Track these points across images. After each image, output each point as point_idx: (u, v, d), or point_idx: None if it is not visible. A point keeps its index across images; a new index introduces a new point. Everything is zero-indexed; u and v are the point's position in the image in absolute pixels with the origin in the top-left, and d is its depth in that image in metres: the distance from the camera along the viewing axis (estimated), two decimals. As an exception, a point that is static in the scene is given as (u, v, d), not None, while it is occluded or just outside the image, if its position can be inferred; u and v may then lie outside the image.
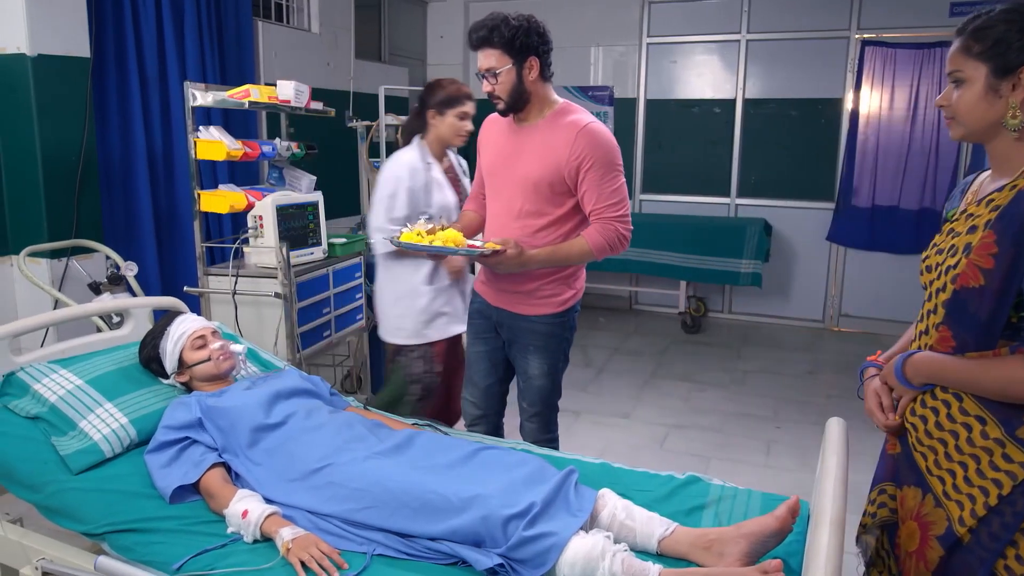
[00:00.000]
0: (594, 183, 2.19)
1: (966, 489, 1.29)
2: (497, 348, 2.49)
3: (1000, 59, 1.25)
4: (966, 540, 1.29)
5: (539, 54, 2.18)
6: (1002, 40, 1.25)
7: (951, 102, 1.33)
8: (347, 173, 4.92)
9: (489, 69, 2.18)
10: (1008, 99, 1.25)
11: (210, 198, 3.06)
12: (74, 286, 3.24)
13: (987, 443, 1.27)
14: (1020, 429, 1.24)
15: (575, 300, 2.40)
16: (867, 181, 5.64)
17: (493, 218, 2.37)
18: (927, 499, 1.37)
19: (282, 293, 2.93)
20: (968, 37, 1.30)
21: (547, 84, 2.26)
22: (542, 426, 2.50)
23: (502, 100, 2.22)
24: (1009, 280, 1.21)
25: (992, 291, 1.23)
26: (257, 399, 2.05)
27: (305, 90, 3.26)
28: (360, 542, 1.67)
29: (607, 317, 6.22)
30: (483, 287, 2.47)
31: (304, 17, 5.11)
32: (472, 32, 2.19)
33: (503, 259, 2.16)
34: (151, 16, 3.66)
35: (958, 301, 1.29)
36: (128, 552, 1.72)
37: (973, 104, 1.29)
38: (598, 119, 2.26)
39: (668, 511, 1.78)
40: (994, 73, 1.26)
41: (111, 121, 3.52)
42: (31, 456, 1.95)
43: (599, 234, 2.22)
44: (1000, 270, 1.22)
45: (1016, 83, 1.24)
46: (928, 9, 5.31)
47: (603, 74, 6.30)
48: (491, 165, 2.37)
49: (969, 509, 1.28)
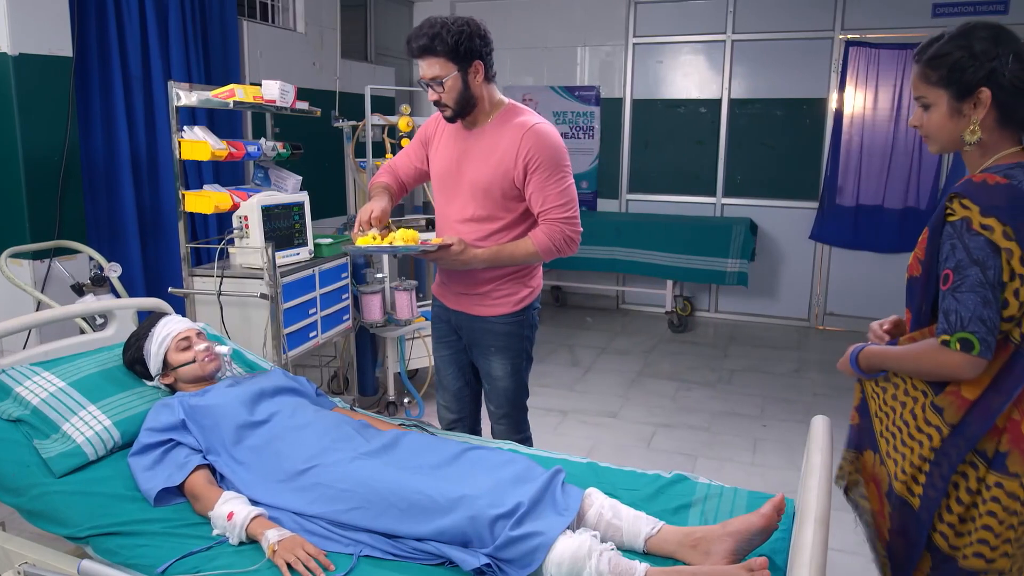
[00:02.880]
0: (540, 184, 2.18)
1: (901, 449, 1.52)
2: (460, 351, 2.48)
3: (957, 84, 1.41)
4: (915, 505, 1.48)
5: (483, 57, 2.15)
6: (956, 66, 1.40)
7: (922, 123, 1.50)
8: (333, 173, 4.91)
9: (434, 78, 2.12)
10: (971, 116, 1.42)
11: (195, 198, 3.04)
12: (57, 287, 3.21)
13: (917, 409, 1.49)
14: (938, 398, 1.45)
15: (532, 298, 2.38)
16: (851, 180, 5.68)
17: (446, 223, 2.34)
18: (876, 459, 1.60)
19: (268, 294, 2.91)
20: (925, 66, 1.45)
21: (492, 85, 2.23)
22: (512, 427, 2.48)
23: (449, 108, 2.18)
24: (932, 270, 1.44)
25: (921, 280, 1.47)
26: (241, 397, 2.04)
27: (291, 90, 3.24)
28: (347, 543, 1.67)
29: (594, 317, 6.24)
30: (440, 290, 2.46)
31: (290, 16, 5.09)
32: (412, 41, 2.11)
33: (446, 254, 2.16)
34: (135, 15, 3.63)
35: (909, 288, 1.53)
36: (112, 555, 1.71)
37: (941, 125, 1.46)
38: (546, 121, 2.24)
39: (655, 510, 1.79)
40: (955, 97, 1.42)
41: (94, 121, 3.49)
42: (13, 459, 1.93)
43: (545, 235, 2.21)
44: (927, 262, 1.45)
45: (976, 102, 1.40)
46: (911, 10, 5.36)
47: (589, 74, 6.31)
48: (441, 171, 2.34)
49: (900, 466, 1.50)
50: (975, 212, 1.36)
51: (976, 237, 1.35)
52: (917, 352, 1.45)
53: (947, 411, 1.43)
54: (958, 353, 1.37)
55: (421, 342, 3.96)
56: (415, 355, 3.99)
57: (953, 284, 1.38)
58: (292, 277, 3.12)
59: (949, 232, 1.39)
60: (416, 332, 3.92)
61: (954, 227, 1.38)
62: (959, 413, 1.41)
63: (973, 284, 1.35)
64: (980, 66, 1.38)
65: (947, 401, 1.43)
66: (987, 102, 1.39)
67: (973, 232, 1.35)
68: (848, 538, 2.85)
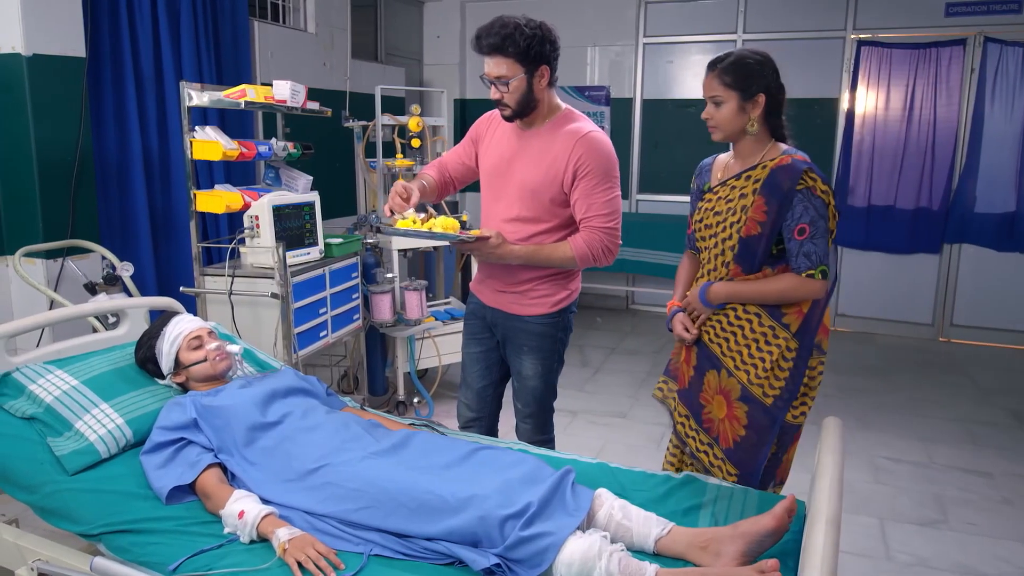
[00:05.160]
0: (587, 191, 2.18)
1: (751, 361, 1.96)
2: (492, 349, 2.48)
3: (745, 90, 1.90)
4: (768, 403, 1.94)
5: (550, 62, 2.15)
6: (747, 76, 1.89)
7: (713, 116, 1.95)
8: (344, 173, 4.92)
9: (500, 77, 2.12)
10: (751, 114, 1.92)
11: (206, 198, 3.05)
12: (70, 286, 3.23)
13: (763, 329, 1.95)
14: (784, 318, 1.93)
15: (570, 301, 2.39)
16: (863, 181, 5.65)
17: (491, 221, 2.35)
18: (722, 374, 2.01)
19: (278, 293, 2.92)
20: (721, 72, 1.91)
21: (552, 89, 2.24)
22: (537, 427, 2.49)
23: (510, 108, 2.18)
24: (774, 227, 1.89)
25: (765, 236, 1.90)
26: (253, 398, 2.04)
27: (301, 90, 3.25)
28: (357, 542, 1.67)
29: (604, 317, 6.23)
30: (478, 287, 2.47)
31: (300, 17, 5.11)
32: (482, 38, 2.10)
33: (482, 246, 2.17)
34: (147, 16, 3.65)
35: (745, 244, 1.93)
36: (124, 553, 1.72)
37: (730, 118, 1.93)
38: (600, 130, 2.25)
39: (665, 511, 1.78)
40: (742, 98, 1.91)
41: (107, 121, 3.51)
42: (27, 457, 1.94)
43: (584, 242, 2.21)
44: (769, 222, 1.89)
45: (755, 104, 1.91)
46: (923, 9, 5.33)
47: (599, 74, 6.30)
48: (491, 168, 2.35)
49: (754, 374, 1.95)
50: (819, 182, 1.86)
51: (817, 199, 1.86)
52: (781, 286, 1.91)
53: (792, 324, 1.93)
54: (819, 281, 1.88)
55: (431, 342, 3.97)
56: (425, 355, 4.00)
57: (810, 234, 1.87)
58: (302, 277, 3.13)
59: (800, 197, 1.85)
60: (426, 332, 3.93)
61: (803, 193, 1.86)
62: (798, 323, 1.92)
63: (822, 232, 1.87)
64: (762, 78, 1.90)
65: (792, 318, 1.93)
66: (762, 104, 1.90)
67: (816, 196, 1.86)
68: (859, 540, 2.85)
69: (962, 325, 5.61)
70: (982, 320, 5.55)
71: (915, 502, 3.18)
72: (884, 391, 4.58)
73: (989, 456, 3.65)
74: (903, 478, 3.41)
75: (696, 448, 2.10)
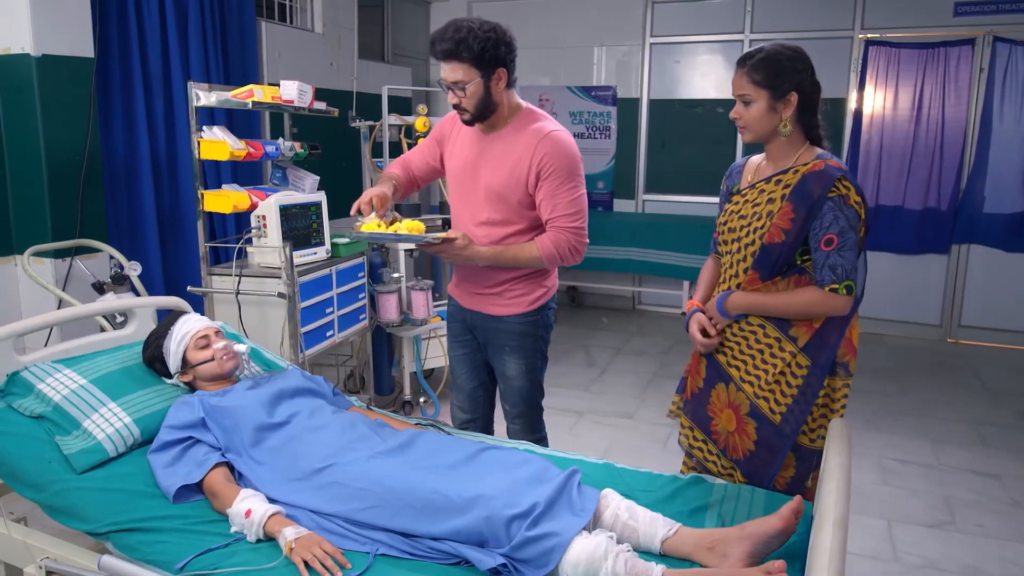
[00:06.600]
0: (551, 191, 2.16)
1: (755, 372, 1.87)
2: (475, 350, 2.48)
3: (776, 88, 1.78)
4: (776, 420, 1.84)
5: (506, 64, 2.12)
6: (778, 73, 1.78)
7: (742, 116, 1.84)
8: (350, 173, 4.93)
9: (456, 82, 2.09)
10: (782, 114, 1.80)
11: (214, 198, 3.07)
12: (78, 286, 3.24)
13: (769, 340, 1.86)
14: (791, 330, 1.83)
15: (548, 298, 2.37)
16: (871, 181, 5.63)
17: (461, 225, 2.33)
18: (731, 388, 1.92)
19: (285, 293, 2.93)
20: (750, 69, 1.80)
21: (511, 90, 2.21)
22: (526, 427, 2.48)
23: (468, 112, 2.16)
24: (799, 236, 1.77)
25: (788, 244, 1.78)
26: (260, 399, 2.05)
27: (308, 90, 3.26)
28: (363, 542, 1.68)
29: (610, 317, 6.22)
30: (455, 290, 2.46)
31: (308, 17, 5.12)
32: (436, 43, 2.07)
33: (448, 248, 2.16)
34: (155, 16, 3.67)
35: (765, 251, 1.82)
36: (132, 551, 1.72)
37: (759, 118, 1.82)
38: (563, 128, 2.22)
39: (671, 511, 1.78)
40: (772, 97, 1.79)
41: (115, 121, 3.53)
42: (35, 455, 1.95)
43: (551, 242, 2.20)
44: (794, 231, 1.77)
45: (787, 103, 1.79)
46: (932, 9, 5.31)
47: (606, 74, 6.29)
48: (457, 171, 2.33)
49: (758, 385, 1.86)
50: (852, 191, 1.74)
51: (850, 209, 1.74)
52: (802, 300, 1.80)
53: (800, 338, 1.82)
54: (843, 296, 1.77)
55: (437, 341, 3.97)
56: (431, 354, 4.00)
57: (838, 245, 1.74)
58: (309, 276, 3.14)
59: (831, 205, 1.73)
60: (432, 332, 3.93)
61: (835, 202, 1.73)
62: (807, 337, 1.81)
63: (852, 245, 1.75)
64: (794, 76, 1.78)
65: (799, 331, 1.83)
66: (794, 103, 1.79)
67: (848, 206, 1.74)
68: (866, 542, 2.84)
69: (970, 326, 5.58)
70: (991, 321, 5.52)
71: (923, 503, 3.17)
72: (892, 392, 4.56)
73: (998, 458, 3.64)
74: (911, 479, 3.39)
75: (704, 458, 2.05)
